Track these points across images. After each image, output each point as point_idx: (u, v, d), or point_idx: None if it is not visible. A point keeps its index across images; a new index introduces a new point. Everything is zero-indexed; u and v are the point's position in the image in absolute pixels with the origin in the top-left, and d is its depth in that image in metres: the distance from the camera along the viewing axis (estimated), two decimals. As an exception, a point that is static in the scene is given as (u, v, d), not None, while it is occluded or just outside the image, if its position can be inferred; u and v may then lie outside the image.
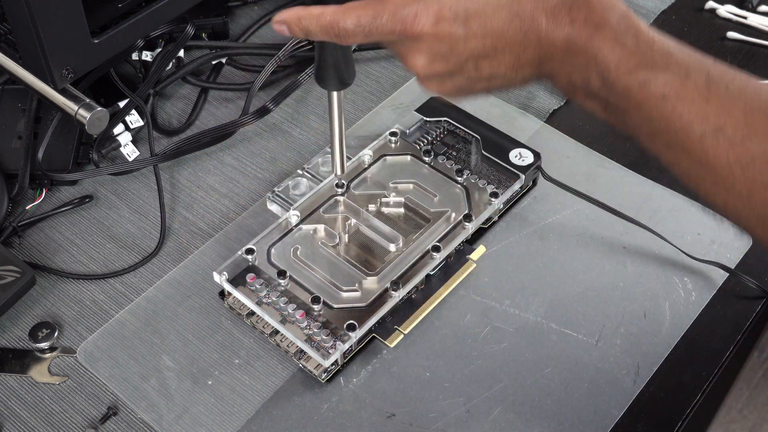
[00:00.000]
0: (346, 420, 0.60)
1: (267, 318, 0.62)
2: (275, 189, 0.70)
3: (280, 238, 0.66)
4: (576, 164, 0.75)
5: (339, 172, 0.62)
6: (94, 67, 0.67)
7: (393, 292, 0.63)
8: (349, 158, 0.70)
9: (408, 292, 0.64)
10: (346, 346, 0.61)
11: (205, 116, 0.80)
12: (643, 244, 0.69)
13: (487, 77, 0.50)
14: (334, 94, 0.58)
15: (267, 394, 0.61)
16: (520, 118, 0.78)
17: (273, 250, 0.66)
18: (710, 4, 0.88)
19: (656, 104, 0.48)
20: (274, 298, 0.63)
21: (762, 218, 0.48)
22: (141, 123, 0.76)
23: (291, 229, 0.67)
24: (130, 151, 0.75)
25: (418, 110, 0.75)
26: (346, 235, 0.67)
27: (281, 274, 0.63)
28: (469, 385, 0.61)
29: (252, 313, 0.64)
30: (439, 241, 0.66)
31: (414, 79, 0.81)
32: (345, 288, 0.63)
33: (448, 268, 0.67)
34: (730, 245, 0.69)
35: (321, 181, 0.70)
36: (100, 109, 0.65)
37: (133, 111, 0.76)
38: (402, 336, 0.63)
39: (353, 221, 0.68)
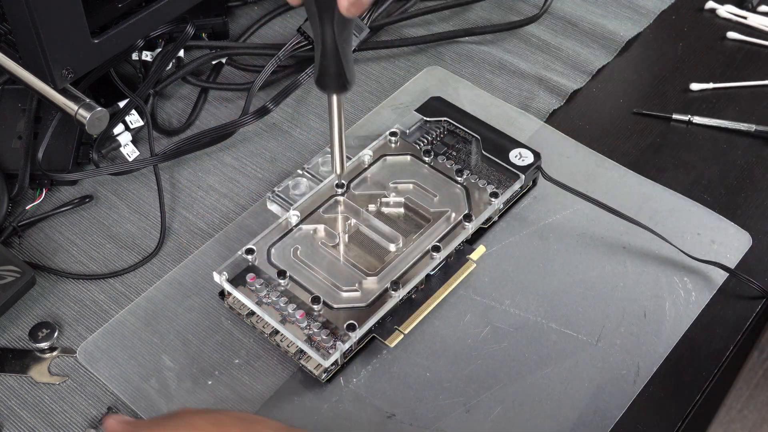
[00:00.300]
0: (346, 420, 0.60)
1: (267, 318, 0.62)
2: (275, 189, 0.70)
3: (280, 238, 0.66)
4: (576, 164, 0.75)
5: (338, 171, 0.62)
6: (94, 67, 0.67)
7: (393, 292, 0.63)
8: (349, 158, 0.70)
9: (408, 292, 0.64)
10: (346, 346, 0.61)
11: (205, 116, 0.80)
12: (643, 244, 0.69)
13: None
14: (334, 97, 0.57)
15: (267, 394, 0.61)
16: (520, 118, 0.78)
17: (273, 250, 0.66)
18: (710, 4, 0.88)
19: None
20: (274, 298, 0.63)
21: None
22: (141, 123, 0.76)
23: (291, 229, 0.67)
24: (130, 151, 0.75)
25: (418, 110, 0.75)
26: (346, 235, 0.67)
27: (281, 274, 0.63)
28: (469, 385, 0.61)
29: (252, 313, 0.64)
30: (439, 241, 0.66)
31: (414, 78, 0.81)
32: (345, 288, 0.63)
33: (448, 268, 0.67)
34: (730, 245, 0.69)
35: (321, 181, 0.70)
36: (100, 109, 0.65)
37: (133, 111, 0.76)
38: (402, 336, 0.63)
39: (353, 221, 0.68)
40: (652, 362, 0.63)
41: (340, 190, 0.69)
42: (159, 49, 0.79)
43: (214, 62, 0.82)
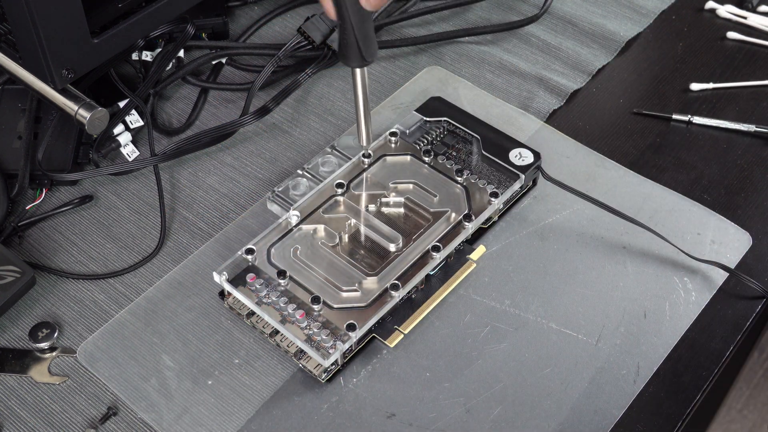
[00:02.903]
0: (346, 420, 0.60)
1: (267, 318, 0.62)
2: (275, 189, 0.70)
3: (280, 238, 0.66)
4: (576, 164, 0.75)
5: (365, 143, 0.63)
6: (94, 67, 0.67)
7: (393, 292, 0.63)
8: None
9: (408, 292, 0.64)
10: (346, 346, 0.61)
11: (205, 116, 0.80)
12: (643, 244, 0.69)
13: None
14: (357, 71, 0.60)
15: (267, 394, 0.61)
16: (520, 118, 0.78)
17: (273, 250, 0.66)
18: (710, 4, 0.88)
19: None
20: (274, 298, 0.63)
21: None
22: (141, 123, 0.76)
23: (291, 229, 0.67)
24: (130, 151, 0.75)
25: (418, 110, 0.75)
26: (346, 235, 0.67)
27: (281, 274, 0.63)
28: (469, 385, 0.62)
29: (252, 313, 0.64)
30: (439, 241, 0.66)
31: (414, 78, 0.81)
32: (345, 288, 0.63)
33: (448, 268, 0.67)
34: (730, 245, 0.69)
35: (321, 181, 0.70)
36: (100, 109, 0.65)
37: (133, 111, 0.76)
38: (402, 336, 0.63)
39: (353, 221, 0.68)
40: (652, 362, 0.63)
41: (340, 190, 0.69)
42: (159, 49, 0.79)
43: (214, 62, 0.82)
